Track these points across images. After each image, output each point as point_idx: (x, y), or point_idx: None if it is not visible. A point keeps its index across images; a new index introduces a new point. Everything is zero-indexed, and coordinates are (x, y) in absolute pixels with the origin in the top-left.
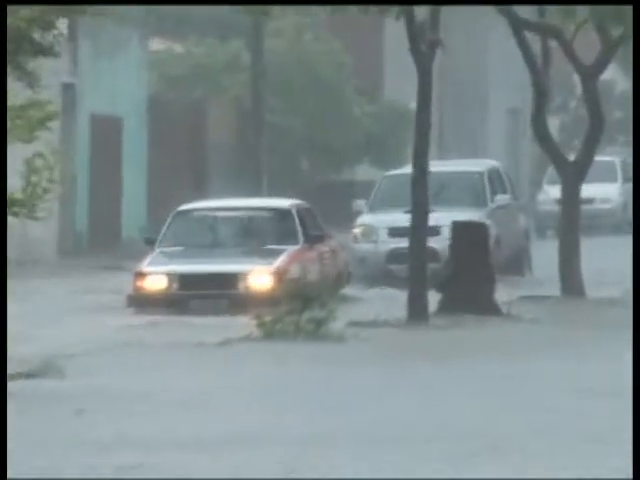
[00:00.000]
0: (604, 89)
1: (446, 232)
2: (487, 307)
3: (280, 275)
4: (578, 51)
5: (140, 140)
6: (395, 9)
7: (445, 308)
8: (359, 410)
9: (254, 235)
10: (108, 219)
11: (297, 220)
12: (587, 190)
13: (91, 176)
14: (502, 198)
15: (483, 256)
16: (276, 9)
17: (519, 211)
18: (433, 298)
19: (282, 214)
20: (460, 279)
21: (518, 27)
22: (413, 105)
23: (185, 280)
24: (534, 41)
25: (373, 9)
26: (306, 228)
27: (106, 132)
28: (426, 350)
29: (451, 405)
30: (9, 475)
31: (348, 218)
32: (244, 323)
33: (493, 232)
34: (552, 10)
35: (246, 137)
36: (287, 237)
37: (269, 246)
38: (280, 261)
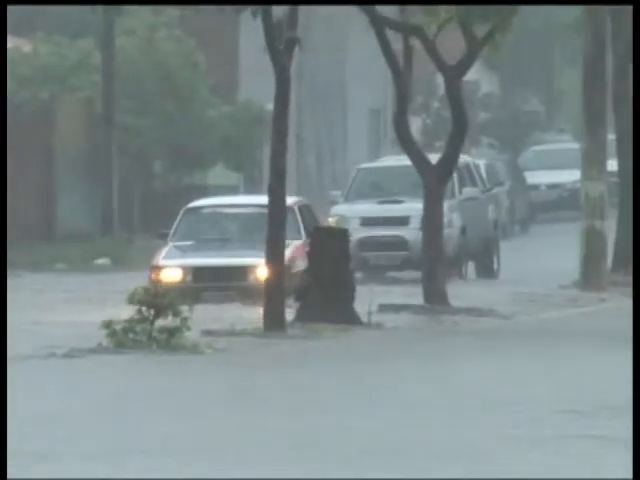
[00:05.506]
0: (468, 90)
1: (415, 222)
2: (346, 316)
3: (287, 268)
4: (441, 50)
5: None
6: (251, 7)
7: (303, 317)
8: (203, 421)
9: (259, 230)
10: None
11: (299, 216)
12: None
13: None
14: (470, 190)
15: (343, 263)
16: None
17: (488, 203)
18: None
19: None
20: (319, 287)
21: (379, 25)
22: (270, 106)
23: (198, 273)
24: (396, 39)
25: (229, 7)
26: (306, 223)
27: None
28: (277, 361)
29: (298, 416)
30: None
31: None
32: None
33: (459, 223)
34: (414, 9)
35: (97, 139)
36: (290, 232)
37: None
38: (286, 255)
